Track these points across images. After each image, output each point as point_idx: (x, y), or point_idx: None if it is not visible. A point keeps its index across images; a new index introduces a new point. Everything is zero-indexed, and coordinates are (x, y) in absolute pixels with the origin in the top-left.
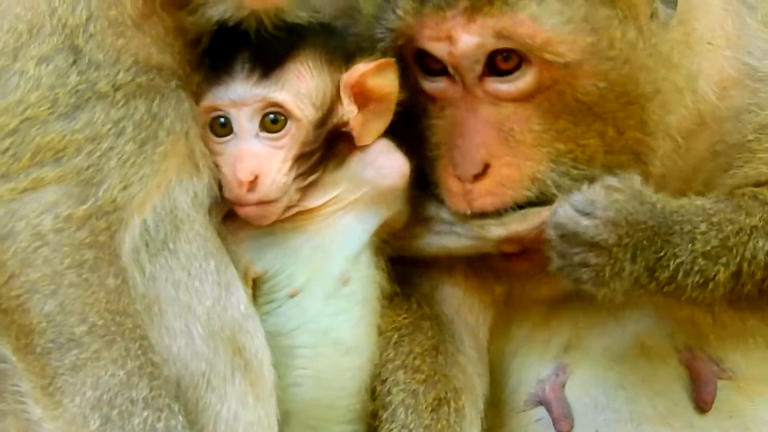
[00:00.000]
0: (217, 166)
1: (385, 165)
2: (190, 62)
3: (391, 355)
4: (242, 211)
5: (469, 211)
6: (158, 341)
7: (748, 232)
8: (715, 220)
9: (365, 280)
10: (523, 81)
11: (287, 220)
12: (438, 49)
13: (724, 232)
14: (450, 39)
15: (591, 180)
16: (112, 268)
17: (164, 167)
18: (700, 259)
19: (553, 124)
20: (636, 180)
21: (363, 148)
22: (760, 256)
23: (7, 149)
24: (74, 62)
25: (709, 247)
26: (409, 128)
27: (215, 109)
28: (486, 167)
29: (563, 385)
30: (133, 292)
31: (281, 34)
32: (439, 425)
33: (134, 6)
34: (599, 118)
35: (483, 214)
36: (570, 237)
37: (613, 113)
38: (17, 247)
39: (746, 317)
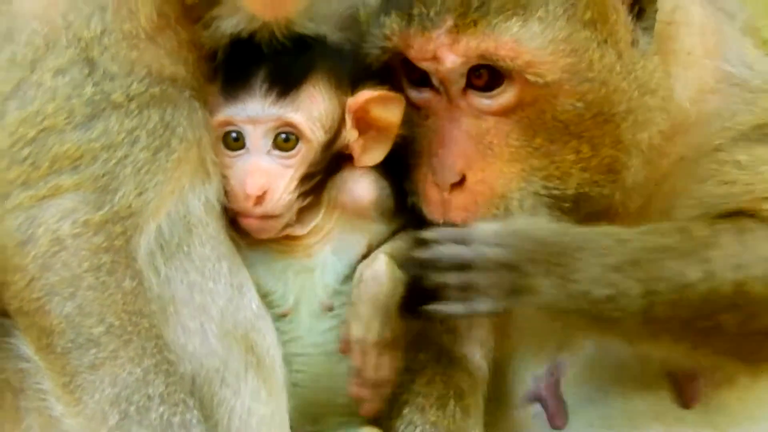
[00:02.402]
0: (224, 177)
1: (354, 187)
2: (204, 74)
3: None
4: (244, 222)
5: (442, 221)
6: (174, 340)
7: (659, 249)
8: (623, 237)
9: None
10: (505, 97)
11: (276, 242)
12: (425, 65)
13: (631, 247)
14: (436, 59)
15: (559, 201)
16: (129, 271)
17: (177, 174)
18: (610, 274)
19: (530, 140)
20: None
21: (345, 178)
22: (673, 278)
23: (26, 158)
24: (89, 74)
25: (617, 261)
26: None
27: (230, 123)
28: (463, 178)
29: (558, 383)
30: (148, 294)
31: (294, 51)
32: (446, 422)
33: (148, 20)
34: (575, 136)
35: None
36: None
37: (589, 131)
38: (37, 251)
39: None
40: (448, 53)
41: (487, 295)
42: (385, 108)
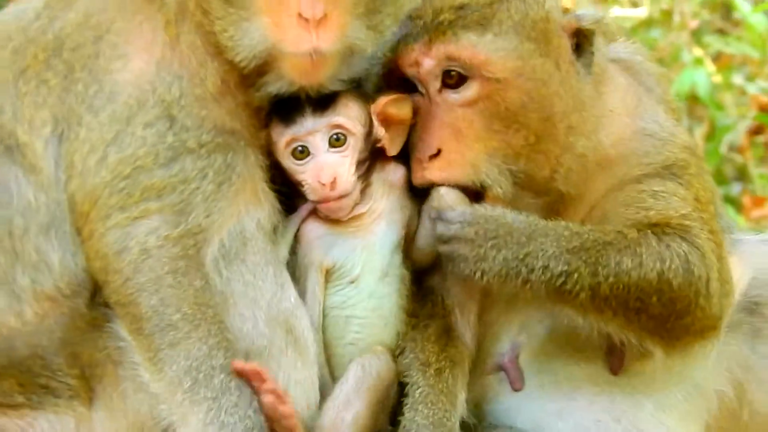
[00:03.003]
0: (300, 183)
1: (399, 172)
2: (255, 125)
3: (410, 334)
4: (325, 207)
5: (423, 181)
6: (232, 324)
7: (602, 243)
8: (575, 230)
9: (398, 274)
10: (469, 92)
11: (345, 224)
12: (410, 71)
13: (582, 238)
14: (417, 63)
15: (513, 175)
16: (199, 273)
17: (236, 201)
18: (566, 254)
19: (490, 126)
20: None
21: (383, 166)
22: (612, 265)
23: (122, 189)
24: (170, 127)
25: (571, 246)
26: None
27: (296, 140)
28: (439, 151)
29: (518, 356)
30: (213, 290)
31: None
32: (440, 385)
33: (214, 86)
34: (523, 125)
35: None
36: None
37: (533, 122)
38: (130, 258)
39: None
40: (424, 58)
41: (454, 261)
42: (399, 106)
